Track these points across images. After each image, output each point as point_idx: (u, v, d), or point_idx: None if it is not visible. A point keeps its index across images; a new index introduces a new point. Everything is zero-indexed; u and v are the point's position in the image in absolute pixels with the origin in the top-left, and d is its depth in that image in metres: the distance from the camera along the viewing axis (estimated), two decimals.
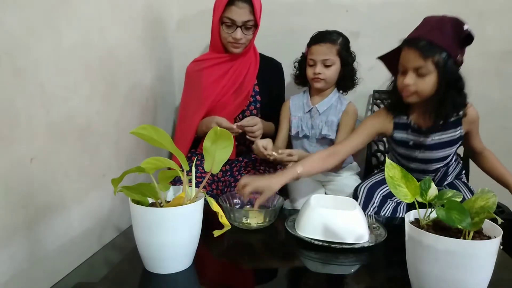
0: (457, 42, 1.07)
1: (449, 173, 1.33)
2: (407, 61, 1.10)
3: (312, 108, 1.45)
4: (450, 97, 1.10)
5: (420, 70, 1.07)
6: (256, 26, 1.35)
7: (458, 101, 1.13)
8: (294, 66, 1.53)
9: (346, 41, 1.41)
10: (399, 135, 1.24)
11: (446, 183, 1.34)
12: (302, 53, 1.50)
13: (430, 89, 1.10)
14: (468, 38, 1.08)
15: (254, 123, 1.29)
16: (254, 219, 1.02)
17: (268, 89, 1.50)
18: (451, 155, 1.27)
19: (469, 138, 1.26)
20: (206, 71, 1.42)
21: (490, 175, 1.31)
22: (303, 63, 1.47)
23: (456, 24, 1.08)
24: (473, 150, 1.32)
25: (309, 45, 1.43)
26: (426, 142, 1.20)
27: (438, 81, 1.08)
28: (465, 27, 1.07)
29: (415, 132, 1.21)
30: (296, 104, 1.49)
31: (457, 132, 1.20)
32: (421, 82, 1.08)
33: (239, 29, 1.30)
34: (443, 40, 1.06)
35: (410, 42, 1.10)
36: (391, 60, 1.20)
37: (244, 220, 1.01)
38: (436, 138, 1.19)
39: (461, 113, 1.16)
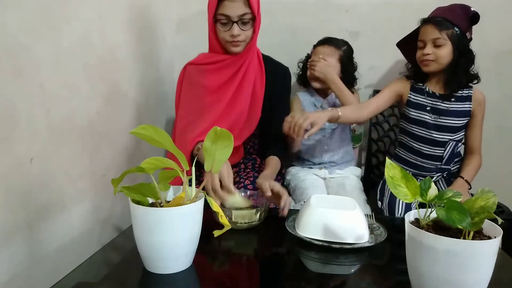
0: (466, 20, 1.29)
1: (457, 152, 1.39)
2: (426, 35, 1.30)
3: (323, 102, 1.53)
4: (463, 65, 1.30)
5: (437, 42, 1.28)
6: (254, 19, 1.23)
7: (470, 72, 1.33)
8: (298, 67, 1.57)
9: (350, 51, 1.49)
10: (416, 98, 1.40)
11: (453, 164, 1.40)
12: (307, 53, 1.54)
13: (446, 58, 1.29)
14: (475, 17, 1.29)
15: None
16: (243, 218, 1.00)
17: (271, 98, 1.38)
18: (459, 131, 1.38)
19: (472, 125, 1.38)
20: (209, 76, 1.31)
21: (460, 169, 1.43)
22: (306, 63, 1.52)
23: (464, 6, 1.30)
24: (470, 144, 1.42)
25: (315, 46, 1.51)
26: (441, 107, 1.35)
27: (453, 51, 1.28)
28: (472, 9, 1.29)
29: (430, 97, 1.37)
30: (305, 100, 1.55)
31: (466, 106, 1.35)
32: (438, 51, 1.28)
33: (235, 25, 1.19)
34: (455, 17, 1.27)
35: (428, 19, 1.32)
36: (406, 48, 1.42)
37: (234, 219, 0.99)
38: (450, 105, 1.35)
39: (475, 81, 1.34)
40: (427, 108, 1.37)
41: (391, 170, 0.72)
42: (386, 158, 0.76)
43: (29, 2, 0.75)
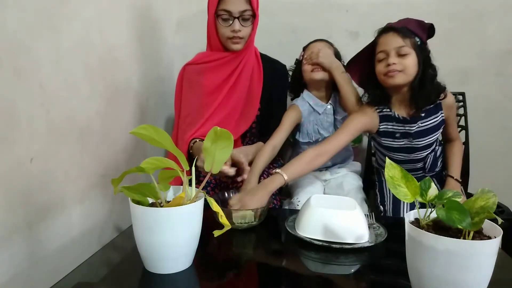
0: (424, 32, 1.18)
1: (438, 157, 1.36)
2: (387, 44, 1.16)
3: (327, 106, 1.44)
4: (429, 78, 1.17)
5: (401, 50, 1.14)
6: (254, 17, 1.27)
7: (437, 83, 1.20)
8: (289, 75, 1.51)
9: (338, 52, 1.46)
10: (386, 126, 1.27)
11: (438, 167, 1.37)
12: (296, 59, 1.50)
13: (413, 68, 1.15)
14: (431, 29, 1.19)
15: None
16: (244, 219, 1.01)
17: (269, 95, 1.40)
18: (436, 141, 1.31)
19: (446, 125, 1.30)
20: (208, 75, 1.32)
21: (445, 161, 1.38)
22: (298, 67, 1.47)
23: (417, 20, 1.20)
24: (447, 137, 1.37)
25: (305, 47, 1.48)
26: (412, 131, 1.24)
27: (418, 62, 1.15)
28: (426, 22, 1.19)
29: (400, 123, 1.25)
30: (305, 109, 1.43)
31: (438, 117, 1.25)
32: (404, 61, 1.14)
33: (236, 20, 1.23)
34: (414, 28, 1.17)
35: (387, 28, 1.19)
36: (356, 69, 1.30)
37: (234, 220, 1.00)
38: (421, 125, 1.24)
39: (441, 95, 1.21)
40: (396, 135, 1.26)
41: (391, 170, 0.72)
42: (386, 158, 0.76)
43: (29, 2, 0.75)
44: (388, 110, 1.26)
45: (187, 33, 1.74)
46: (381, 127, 1.27)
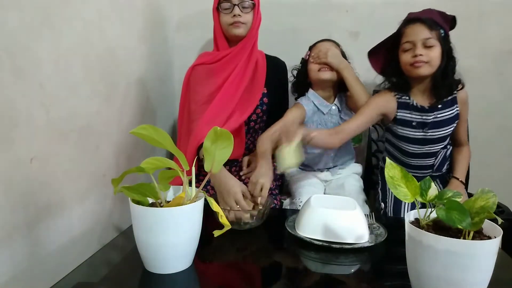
0: (447, 24, 1.21)
1: (447, 157, 1.36)
2: (415, 35, 1.18)
3: (332, 106, 1.44)
4: (451, 69, 1.20)
5: (427, 42, 1.16)
6: (254, 6, 1.35)
7: (456, 77, 1.23)
8: (293, 75, 1.51)
9: (344, 52, 1.46)
10: (403, 114, 1.28)
11: (444, 168, 1.37)
12: (302, 58, 1.50)
13: (438, 61, 1.18)
14: (453, 21, 1.23)
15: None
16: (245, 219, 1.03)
17: (275, 90, 1.46)
18: (449, 137, 1.32)
19: (458, 123, 1.31)
20: (219, 73, 1.37)
21: (451, 165, 1.38)
22: (304, 67, 1.46)
23: (440, 11, 1.23)
24: (457, 139, 1.37)
25: (312, 46, 1.47)
26: (428, 120, 1.25)
27: (442, 54, 1.18)
28: (448, 13, 1.23)
29: (418, 112, 1.26)
30: (310, 109, 1.42)
31: (454, 110, 1.27)
32: (430, 53, 1.17)
33: (236, 7, 1.32)
34: (438, 19, 1.19)
35: (416, 18, 1.21)
36: (378, 57, 1.34)
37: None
38: (437, 115, 1.25)
39: (460, 85, 1.25)
40: (413, 124, 1.27)
41: (391, 170, 0.72)
42: (386, 158, 0.76)
43: (29, 2, 0.75)
44: (407, 98, 1.27)
45: (187, 33, 1.74)
46: (398, 114, 1.28)
